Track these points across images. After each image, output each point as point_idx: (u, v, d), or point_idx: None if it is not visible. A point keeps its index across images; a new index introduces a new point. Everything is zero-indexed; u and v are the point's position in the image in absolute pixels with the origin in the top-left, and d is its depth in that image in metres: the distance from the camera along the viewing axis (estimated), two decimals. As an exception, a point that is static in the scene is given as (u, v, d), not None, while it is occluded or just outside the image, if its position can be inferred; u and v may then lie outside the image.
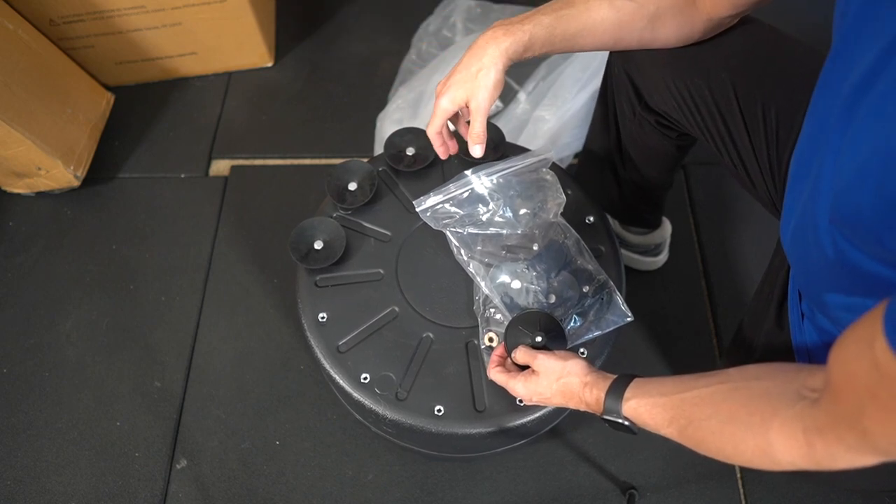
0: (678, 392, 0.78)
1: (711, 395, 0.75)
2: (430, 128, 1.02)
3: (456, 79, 0.97)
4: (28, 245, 1.67)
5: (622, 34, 0.99)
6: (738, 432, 0.70)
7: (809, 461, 0.65)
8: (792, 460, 0.66)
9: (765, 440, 0.67)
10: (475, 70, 0.96)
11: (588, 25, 0.97)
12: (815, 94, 0.73)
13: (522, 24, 0.95)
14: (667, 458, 1.36)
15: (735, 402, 0.72)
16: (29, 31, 1.59)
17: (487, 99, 0.97)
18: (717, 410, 0.73)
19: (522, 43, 0.95)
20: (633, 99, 1.15)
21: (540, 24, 0.95)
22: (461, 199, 1.04)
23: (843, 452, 0.61)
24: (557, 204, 1.06)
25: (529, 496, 1.33)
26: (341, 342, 1.04)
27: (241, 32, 1.83)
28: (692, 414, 0.75)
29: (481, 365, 1.02)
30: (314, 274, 1.10)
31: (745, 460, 0.71)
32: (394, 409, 0.99)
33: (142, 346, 1.52)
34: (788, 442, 0.65)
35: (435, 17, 1.89)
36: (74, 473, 1.38)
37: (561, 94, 1.59)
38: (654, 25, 0.98)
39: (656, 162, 1.28)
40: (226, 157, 1.81)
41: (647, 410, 0.81)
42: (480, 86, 0.96)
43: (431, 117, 1.01)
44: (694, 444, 0.76)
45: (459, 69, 0.97)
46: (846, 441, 0.60)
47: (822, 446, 0.63)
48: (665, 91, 1.07)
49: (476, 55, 0.96)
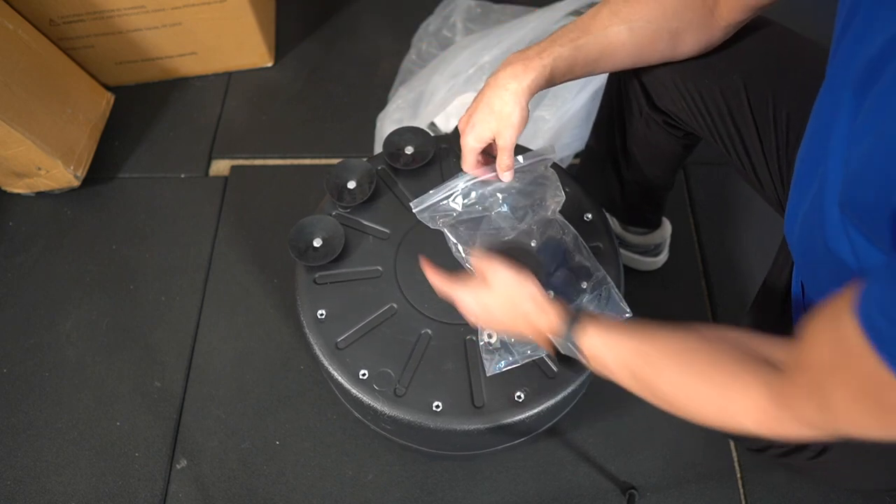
0: (641, 336, 0.77)
1: (677, 345, 0.74)
2: (465, 165, 1.02)
3: (479, 117, 0.96)
4: (28, 245, 1.67)
5: (643, 55, 0.99)
6: (700, 387, 0.70)
7: (765, 427, 0.65)
8: (749, 424, 0.66)
9: (726, 399, 0.67)
10: (498, 108, 0.95)
11: (608, 51, 0.96)
12: (822, 89, 0.73)
13: (542, 58, 0.93)
14: (667, 458, 1.36)
15: (702, 357, 0.71)
16: (29, 31, 1.59)
17: (515, 137, 0.97)
18: (680, 362, 0.72)
19: (544, 77, 0.94)
20: (641, 99, 1.15)
21: (560, 58, 0.94)
22: (459, 197, 1.04)
23: (798, 424, 0.62)
24: (556, 201, 1.05)
25: (529, 496, 1.33)
26: (340, 339, 1.04)
27: (241, 32, 1.83)
28: (654, 360, 0.75)
29: (479, 361, 1.02)
30: (313, 271, 1.11)
31: (698, 415, 0.71)
32: (392, 405, 0.99)
33: (142, 346, 1.52)
34: (750, 405, 0.65)
35: (435, 17, 1.89)
36: (74, 473, 1.38)
37: (561, 94, 1.58)
38: (675, 43, 0.97)
39: (661, 162, 1.27)
40: (226, 157, 1.81)
41: (606, 346, 0.79)
42: (506, 125, 0.95)
43: (462, 154, 1.01)
44: (647, 389, 0.75)
45: (481, 106, 0.96)
46: (805, 414, 0.61)
47: (782, 415, 0.63)
48: (675, 92, 1.06)
49: (497, 93, 0.94)
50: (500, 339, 1.00)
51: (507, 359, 0.99)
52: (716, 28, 0.96)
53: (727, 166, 1.15)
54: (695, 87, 1.03)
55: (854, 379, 0.55)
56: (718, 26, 0.96)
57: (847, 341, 0.53)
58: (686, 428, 1.38)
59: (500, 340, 1.00)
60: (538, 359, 1.01)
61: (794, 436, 0.64)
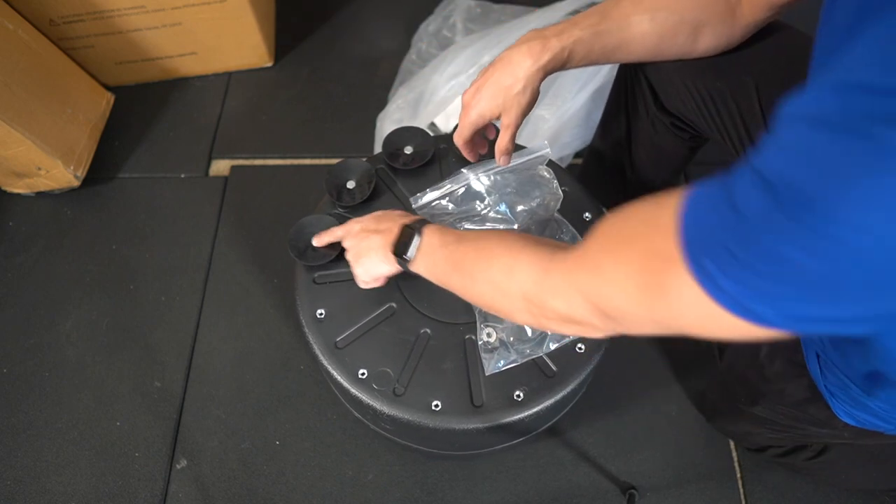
0: (471, 232, 0.85)
1: (494, 233, 0.80)
2: (458, 137, 1.01)
3: (486, 92, 0.95)
4: (28, 245, 1.67)
5: (662, 47, 0.97)
6: (489, 256, 0.75)
7: (537, 299, 0.68)
8: (522, 287, 0.70)
9: (512, 260, 0.72)
10: (509, 85, 0.93)
11: (627, 41, 0.94)
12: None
13: (560, 39, 0.92)
14: (667, 458, 1.36)
15: (503, 237, 0.76)
16: (29, 31, 1.59)
17: (520, 116, 0.95)
18: (492, 241, 0.77)
19: (560, 59, 0.93)
20: (648, 99, 1.14)
21: (579, 42, 0.92)
22: (458, 196, 1.04)
23: (566, 288, 0.65)
24: (555, 200, 1.05)
25: (529, 496, 1.33)
26: (339, 338, 1.04)
27: (241, 32, 1.83)
28: (471, 244, 0.80)
29: (478, 361, 1.02)
30: (312, 271, 1.10)
31: (485, 295, 0.76)
32: (391, 404, 0.99)
33: (142, 346, 1.52)
34: (530, 270, 0.69)
35: (435, 17, 1.89)
36: (74, 473, 1.38)
37: (561, 94, 1.58)
38: (695, 37, 0.95)
39: (665, 163, 1.27)
40: (226, 157, 1.81)
41: (444, 233, 0.86)
42: (515, 104, 0.94)
43: (459, 126, 0.99)
44: (454, 264, 0.82)
45: (490, 81, 0.94)
46: (578, 281, 0.63)
47: (548, 285, 0.67)
48: (685, 93, 1.05)
49: (510, 70, 0.93)
50: (498, 339, 1.00)
51: (507, 358, 0.99)
52: (737, 26, 0.94)
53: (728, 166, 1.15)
54: (704, 87, 1.02)
55: (643, 249, 0.56)
56: (739, 24, 0.94)
57: (658, 218, 0.55)
58: (686, 428, 1.38)
59: (499, 339, 1.00)
60: (538, 358, 1.01)
61: (557, 294, 0.66)
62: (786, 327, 0.49)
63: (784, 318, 0.48)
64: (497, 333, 1.01)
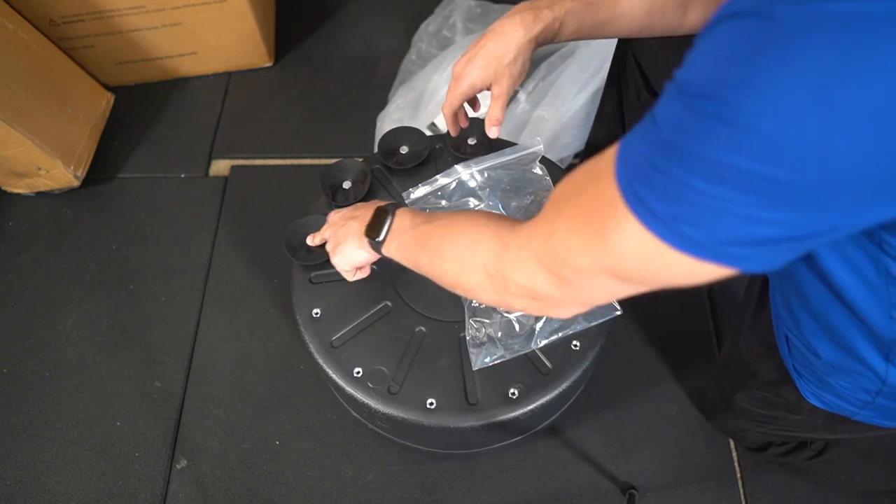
0: (443, 214, 0.83)
1: (453, 215, 0.79)
2: (447, 107, 1.01)
3: (478, 62, 0.95)
4: (28, 245, 1.68)
5: (652, 20, 0.96)
6: (460, 234, 0.75)
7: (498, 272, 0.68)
8: (484, 261, 0.70)
9: (476, 235, 0.72)
10: (500, 54, 0.93)
11: (617, 14, 0.95)
12: None
13: (552, 10, 0.92)
14: (667, 458, 1.35)
15: (471, 216, 0.76)
16: (29, 31, 1.59)
17: (512, 87, 0.96)
18: (456, 220, 0.77)
19: (552, 30, 0.93)
20: (639, 84, 1.14)
21: (571, 13, 0.92)
22: (450, 191, 1.04)
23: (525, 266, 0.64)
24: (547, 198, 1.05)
25: (529, 496, 1.32)
26: (335, 337, 1.04)
27: (241, 32, 1.83)
28: (438, 223, 0.80)
29: (466, 354, 1.02)
30: (308, 270, 1.11)
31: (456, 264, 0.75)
32: (386, 402, 0.99)
33: (142, 346, 1.52)
34: (490, 243, 0.69)
35: (435, 17, 1.89)
36: (74, 473, 1.38)
37: (561, 94, 1.58)
38: (683, 11, 0.95)
39: None
40: (226, 157, 1.81)
41: (416, 215, 0.85)
42: (506, 74, 0.94)
43: (448, 96, 0.99)
44: (423, 243, 0.81)
45: (482, 52, 0.94)
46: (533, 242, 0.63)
47: (508, 255, 0.66)
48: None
49: (502, 39, 0.93)
50: (486, 334, 1.00)
51: (494, 353, 0.99)
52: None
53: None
54: None
55: (585, 202, 0.56)
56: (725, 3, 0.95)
57: (598, 169, 0.55)
58: (686, 428, 1.38)
59: (486, 335, 1.00)
60: (533, 356, 1.01)
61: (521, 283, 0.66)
62: (721, 257, 0.48)
63: (716, 242, 0.47)
64: (485, 329, 1.00)
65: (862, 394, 0.84)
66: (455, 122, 1.05)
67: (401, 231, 0.85)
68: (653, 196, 0.48)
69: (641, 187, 0.49)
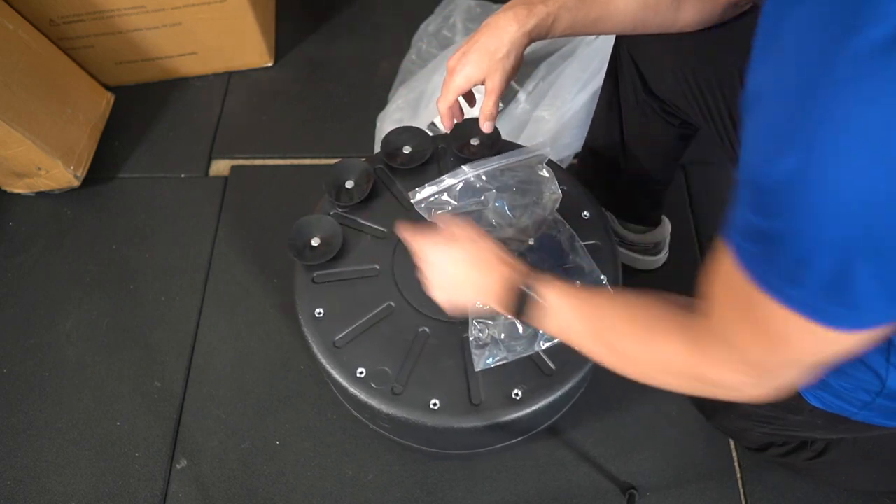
0: (598, 294, 0.80)
1: (625, 300, 0.76)
2: (442, 102, 1.01)
3: (472, 56, 0.95)
4: (28, 245, 1.67)
5: (646, 17, 0.97)
6: (643, 336, 0.72)
7: (696, 376, 0.67)
8: (681, 370, 0.68)
9: (663, 347, 0.69)
10: (494, 49, 0.94)
11: (611, 11, 0.95)
12: None
13: (546, 5, 0.92)
14: (667, 458, 1.36)
15: (644, 310, 0.74)
16: (29, 31, 1.59)
17: (505, 81, 0.96)
18: (628, 314, 0.75)
19: (545, 26, 0.93)
20: (637, 84, 1.15)
21: (564, 8, 0.93)
22: (456, 191, 1.04)
23: (718, 368, 0.64)
24: (553, 199, 1.05)
25: (529, 496, 1.33)
26: (337, 337, 1.04)
27: (241, 32, 1.83)
28: (607, 314, 0.77)
29: (469, 354, 1.02)
30: (311, 270, 1.11)
31: (643, 367, 0.73)
32: (389, 403, 0.99)
33: (142, 346, 1.52)
34: (681, 351, 0.67)
35: (435, 17, 1.89)
36: (74, 473, 1.38)
37: (561, 94, 1.58)
38: (677, 7, 0.96)
39: (658, 153, 1.27)
40: (226, 157, 1.81)
41: (567, 296, 0.81)
42: (499, 68, 0.94)
43: (443, 91, 1.00)
44: (603, 344, 0.77)
45: (476, 47, 0.95)
46: (719, 355, 0.62)
47: (701, 361, 0.65)
48: (670, 76, 1.06)
49: (496, 34, 0.93)
50: (489, 335, 1.00)
51: (497, 355, 0.99)
52: (717, 2, 0.96)
53: (727, 166, 1.15)
54: (690, 71, 1.03)
55: (736, 303, 0.57)
56: (719, 1, 0.96)
57: (725, 268, 0.56)
58: (686, 428, 1.38)
59: (489, 336, 1.00)
60: (536, 357, 1.01)
61: (729, 383, 0.65)
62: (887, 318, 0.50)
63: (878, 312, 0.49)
64: (488, 330, 1.00)
65: (862, 394, 0.85)
66: (450, 116, 1.05)
67: (553, 313, 0.82)
68: (805, 292, 0.50)
69: (786, 286, 0.50)
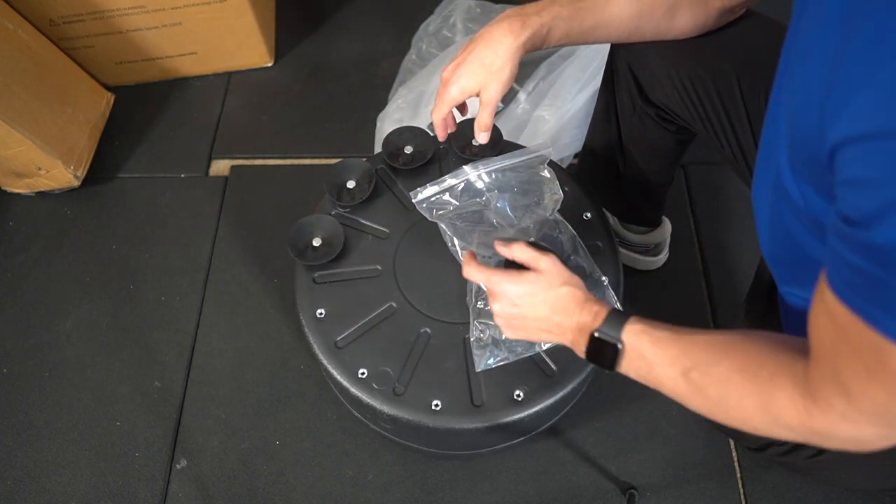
0: (687, 333, 0.74)
1: (722, 342, 0.72)
2: (437, 113, 1.01)
3: (467, 68, 0.96)
4: (28, 245, 1.67)
5: (640, 25, 0.98)
6: (745, 383, 0.68)
7: (807, 428, 0.64)
8: (790, 423, 0.65)
9: (769, 396, 0.66)
10: (489, 62, 0.94)
11: (606, 19, 0.96)
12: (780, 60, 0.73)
13: (540, 16, 0.93)
14: (667, 458, 1.36)
15: (745, 354, 0.69)
16: (29, 31, 1.59)
17: (500, 93, 0.97)
18: (726, 357, 0.70)
19: (540, 37, 0.94)
20: (633, 92, 1.15)
21: (559, 18, 0.93)
22: (458, 191, 1.04)
23: (837, 419, 0.60)
24: (554, 200, 1.05)
25: (529, 496, 1.33)
26: (339, 338, 1.04)
27: (241, 32, 1.83)
28: (699, 357, 0.72)
29: (471, 355, 1.02)
30: (312, 270, 1.11)
31: (744, 416, 0.69)
32: (391, 404, 0.99)
33: (142, 346, 1.52)
34: (789, 403, 0.64)
35: (435, 17, 1.89)
36: (74, 473, 1.38)
37: (561, 94, 1.58)
38: (671, 15, 0.97)
39: (657, 157, 1.27)
40: (226, 157, 1.81)
41: (652, 341, 0.76)
42: (494, 80, 0.95)
43: (437, 102, 1.00)
44: (695, 389, 0.73)
45: (471, 58, 0.96)
46: (835, 405, 0.59)
47: (818, 413, 0.61)
48: (668, 83, 1.06)
49: (490, 46, 0.94)
50: (490, 336, 1.00)
51: (497, 355, 0.99)
52: (712, 8, 0.97)
53: (727, 166, 1.16)
54: (688, 78, 1.03)
55: (853, 351, 0.54)
56: (715, 6, 0.96)
57: (835, 316, 0.54)
58: (686, 428, 1.38)
59: (490, 336, 1.00)
60: (538, 358, 1.01)
61: (842, 435, 0.62)
62: None
63: None
64: (489, 331, 1.00)
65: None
66: (444, 127, 1.05)
67: (643, 353, 0.78)
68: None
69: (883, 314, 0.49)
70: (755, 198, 0.81)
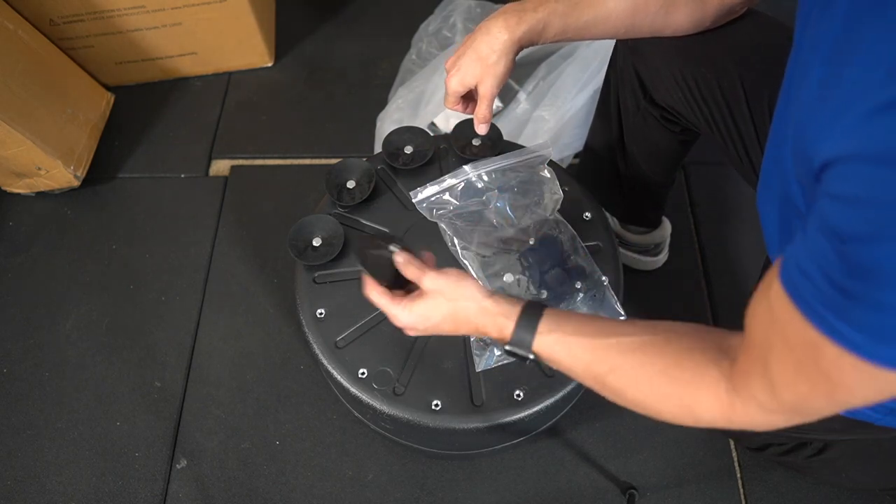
0: (602, 336, 0.74)
1: (640, 345, 0.72)
2: (447, 103, 1.04)
3: (465, 62, 0.98)
4: (28, 245, 1.67)
5: (636, 20, 0.98)
6: (666, 387, 0.69)
7: (727, 419, 0.65)
8: (712, 418, 0.66)
9: (692, 398, 0.67)
10: (485, 55, 0.96)
11: (602, 15, 0.96)
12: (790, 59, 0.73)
13: (536, 12, 0.94)
14: (667, 458, 1.36)
15: (665, 357, 0.70)
16: (29, 31, 1.59)
17: (496, 86, 0.98)
18: (645, 362, 0.71)
19: (536, 32, 0.95)
20: (637, 93, 1.15)
21: (555, 13, 0.94)
22: (458, 191, 1.05)
23: (756, 410, 0.62)
24: (554, 200, 1.05)
25: (529, 496, 1.33)
26: (339, 338, 1.04)
27: (241, 32, 1.83)
28: (616, 362, 0.73)
29: (471, 355, 1.02)
30: (312, 270, 1.11)
31: (664, 415, 0.70)
32: (391, 403, 0.99)
33: (142, 346, 1.52)
34: (713, 400, 0.65)
35: (435, 17, 1.89)
36: (74, 473, 1.38)
37: (561, 94, 1.58)
38: (667, 10, 0.97)
39: (659, 158, 1.27)
40: (226, 157, 1.81)
41: (565, 349, 0.76)
42: (490, 73, 0.97)
43: (446, 95, 1.03)
44: (611, 392, 0.74)
45: (469, 51, 0.98)
46: (758, 397, 0.61)
47: (739, 404, 0.63)
48: (672, 83, 1.06)
49: (486, 40, 0.96)
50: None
51: (497, 355, 0.99)
52: (709, 4, 0.97)
53: (727, 166, 1.16)
54: (692, 77, 1.03)
55: (787, 346, 0.55)
56: (711, 4, 0.97)
57: (775, 308, 0.54)
58: (686, 428, 1.37)
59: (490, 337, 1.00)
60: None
61: (759, 424, 0.64)
62: None
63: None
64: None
65: (890, 401, 0.84)
66: (462, 109, 1.07)
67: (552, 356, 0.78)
68: (854, 328, 0.48)
69: (836, 320, 0.49)
70: (761, 203, 0.81)
